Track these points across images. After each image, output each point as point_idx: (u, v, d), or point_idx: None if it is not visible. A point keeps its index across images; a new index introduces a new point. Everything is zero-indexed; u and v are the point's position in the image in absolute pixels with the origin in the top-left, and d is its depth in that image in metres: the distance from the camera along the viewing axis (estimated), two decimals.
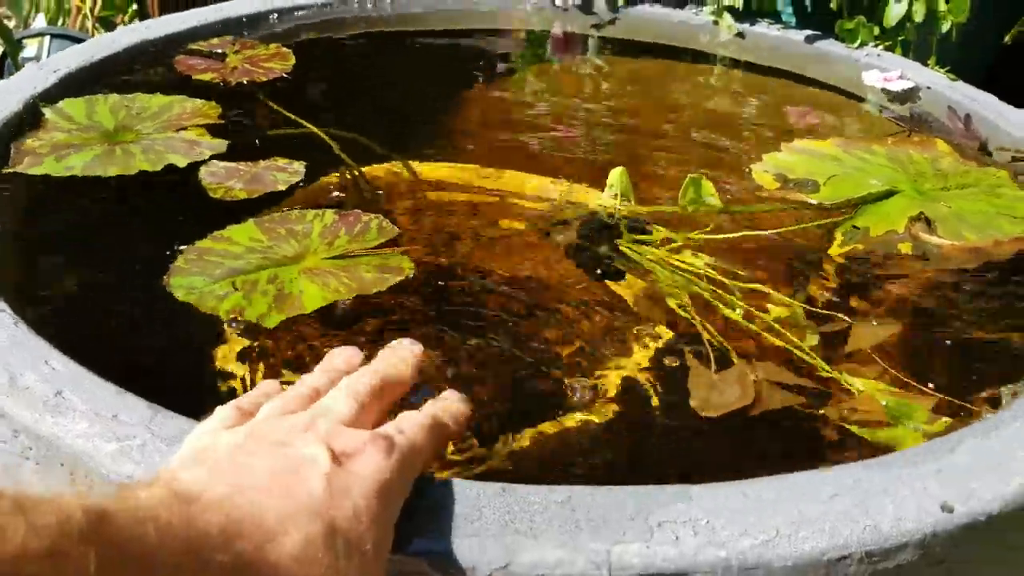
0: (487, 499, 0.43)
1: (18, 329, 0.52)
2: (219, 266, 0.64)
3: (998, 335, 0.67)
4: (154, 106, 0.85)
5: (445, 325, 0.62)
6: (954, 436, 0.50)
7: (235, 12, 1.07)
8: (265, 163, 0.77)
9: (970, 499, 0.45)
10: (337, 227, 0.69)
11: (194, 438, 0.42)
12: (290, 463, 0.38)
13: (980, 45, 1.28)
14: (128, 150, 0.77)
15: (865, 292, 0.71)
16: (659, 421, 0.56)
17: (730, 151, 0.92)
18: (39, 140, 0.78)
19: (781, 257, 0.74)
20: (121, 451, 0.44)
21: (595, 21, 1.21)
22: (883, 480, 0.45)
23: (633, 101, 1.04)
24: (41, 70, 0.88)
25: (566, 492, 0.43)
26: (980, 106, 0.98)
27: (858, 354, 0.63)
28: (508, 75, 1.08)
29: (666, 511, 0.43)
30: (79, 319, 0.61)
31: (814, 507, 0.43)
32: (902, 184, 0.84)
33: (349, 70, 1.07)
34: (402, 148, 0.84)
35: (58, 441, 0.45)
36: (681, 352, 0.61)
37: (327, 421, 0.42)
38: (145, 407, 0.47)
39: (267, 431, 0.41)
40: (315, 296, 0.61)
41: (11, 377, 0.49)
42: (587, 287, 0.68)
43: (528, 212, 0.78)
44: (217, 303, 0.60)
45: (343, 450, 0.39)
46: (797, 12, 1.21)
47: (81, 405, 0.47)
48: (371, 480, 0.39)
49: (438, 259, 0.69)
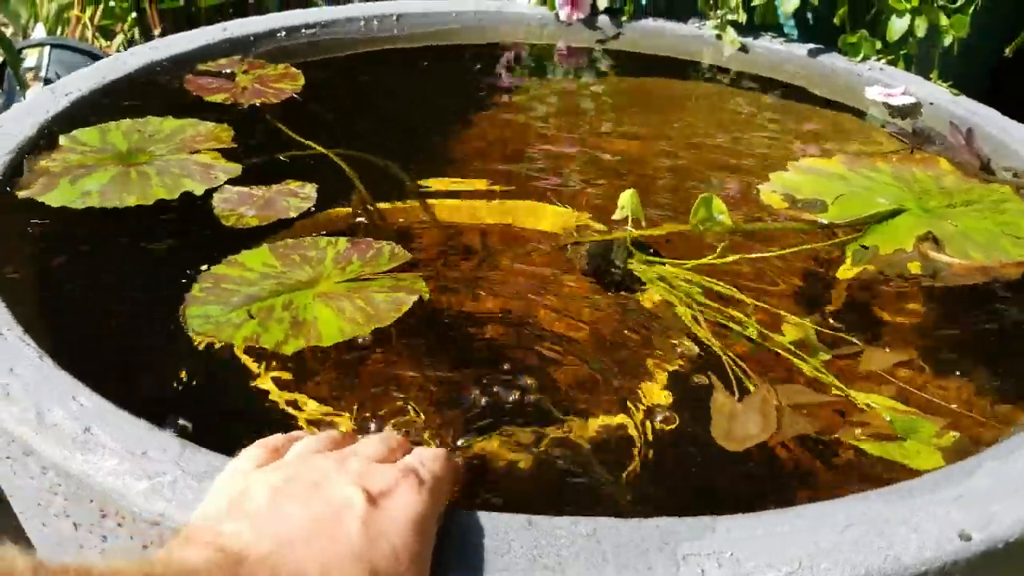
0: (514, 532, 0.43)
1: (44, 363, 0.53)
2: (235, 293, 0.64)
3: (1010, 355, 0.68)
4: (167, 129, 0.86)
5: (454, 352, 0.63)
6: (973, 460, 0.51)
7: (241, 32, 1.08)
8: (277, 187, 0.78)
9: (990, 525, 0.46)
10: (350, 253, 0.70)
11: (226, 479, 0.43)
12: (328, 508, 0.39)
13: (982, 58, 1.29)
14: (143, 172, 0.78)
15: (877, 312, 0.72)
16: (680, 447, 0.56)
17: (738, 169, 0.93)
18: (53, 160, 0.79)
19: (792, 278, 0.75)
20: (152, 489, 0.44)
21: (599, 36, 1.22)
22: (904, 509, 0.46)
23: (639, 117, 1.04)
24: (53, 93, 0.88)
25: (592, 524, 0.44)
26: (982, 120, 0.98)
27: (872, 376, 0.64)
28: (514, 91, 1.09)
29: (691, 544, 0.43)
30: (100, 349, 0.61)
31: (835, 538, 0.44)
32: (908, 202, 0.84)
33: (358, 89, 1.07)
34: (412, 168, 0.85)
35: (88, 479, 0.46)
36: (700, 376, 0.62)
37: (358, 460, 0.42)
38: (174, 442, 0.47)
39: (301, 471, 0.41)
40: (331, 323, 0.62)
41: (39, 413, 0.49)
42: (600, 310, 0.69)
43: (539, 235, 0.78)
44: (233, 332, 0.61)
45: (377, 489, 0.40)
46: (800, 26, 1.21)
47: (110, 442, 0.47)
48: (406, 518, 0.39)
49: (448, 284, 0.70)
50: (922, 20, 1.06)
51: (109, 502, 0.46)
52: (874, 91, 1.06)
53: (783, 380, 0.62)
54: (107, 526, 0.47)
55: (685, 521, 0.45)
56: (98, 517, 0.47)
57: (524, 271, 0.72)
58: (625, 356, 0.64)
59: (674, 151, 0.96)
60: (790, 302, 0.72)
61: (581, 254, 0.76)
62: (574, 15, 1.22)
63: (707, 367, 0.63)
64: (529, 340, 0.64)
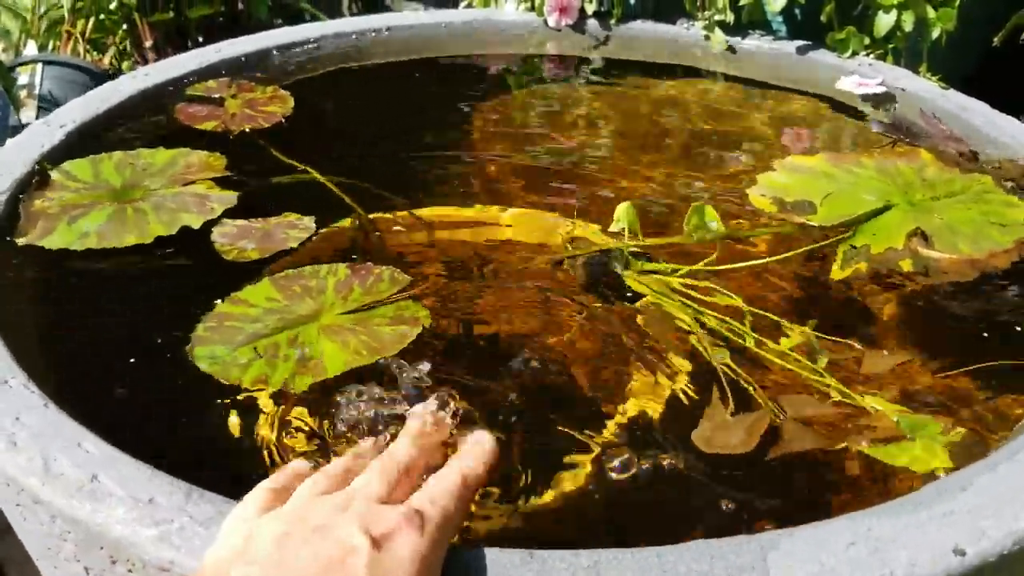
0: (515, 568, 0.44)
1: (48, 411, 0.54)
2: (239, 332, 0.65)
3: (1009, 348, 0.68)
4: (159, 162, 0.86)
5: (458, 370, 0.63)
6: (964, 473, 0.52)
7: (233, 52, 1.09)
8: (276, 220, 0.78)
9: (982, 539, 0.47)
10: (350, 281, 0.70)
11: (232, 524, 0.44)
12: (334, 552, 0.40)
13: (971, 51, 1.29)
14: (139, 208, 0.78)
15: (873, 313, 0.72)
16: (679, 463, 0.57)
17: (728, 171, 0.94)
18: (47, 200, 0.79)
19: (787, 282, 0.76)
20: (160, 537, 0.45)
21: (589, 41, 1.22)
22: (894, 527, 0.47)
23: (631, 122, 1.05)
24: (48, 126, 0.89)
25: (592, 557, 0.45)
26: (971, 115, 0.99)
27: (873, 378, 0.64)
28: (504, 101, 1.10)
29: (690, 568, 0.44)
30: (102, 392, 0.62)
31: (832, 558, 0.45)
32: (895, 197, 0.85)
33: (349, 107, 1.08)
34: (405, 190, 0.86)
35: (97, 528, 0.47)
36: (698, 388, 0.63)
37: (361, 502, 0.43)
38: (180, 488, 0.48)
39: (306, 514, 0.42)
40: (336, 358, 0.62)
41: (45, 462, 0.50)
42: (598, 322, 0.69)
43: (536, 248, 0.79)
44: (241, 373, 0.61)
45: (381, 532, 0.41)
46: (787, 23, 1.22)
47: (118, 490, 0.48)
48: (409, 561, 0.40)
49: (448, 304, 0.70)
50: (909, 14, 1.07)
51: (119, 549, 0.47)
52: (847, 82, 1.06)
53: (784, 386, 0.63)
54: (118, 572, 0.48)
55: (687, 547, 0.46)
56: (108, 563, 0.48)
57: (522, 286, 0.73)
58: (622, 368, 0.64)
59: (667, 156, 0.97)
60: (787, 307, 0.72)
61: (578, 267, 0.77)
62: (563, 21, 1.22)
63: (705, 376, 0.63)
64: (529, 355, 0.65)
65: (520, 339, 0.67)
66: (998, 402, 0.63)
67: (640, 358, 0.66)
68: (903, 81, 1.07)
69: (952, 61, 1.15)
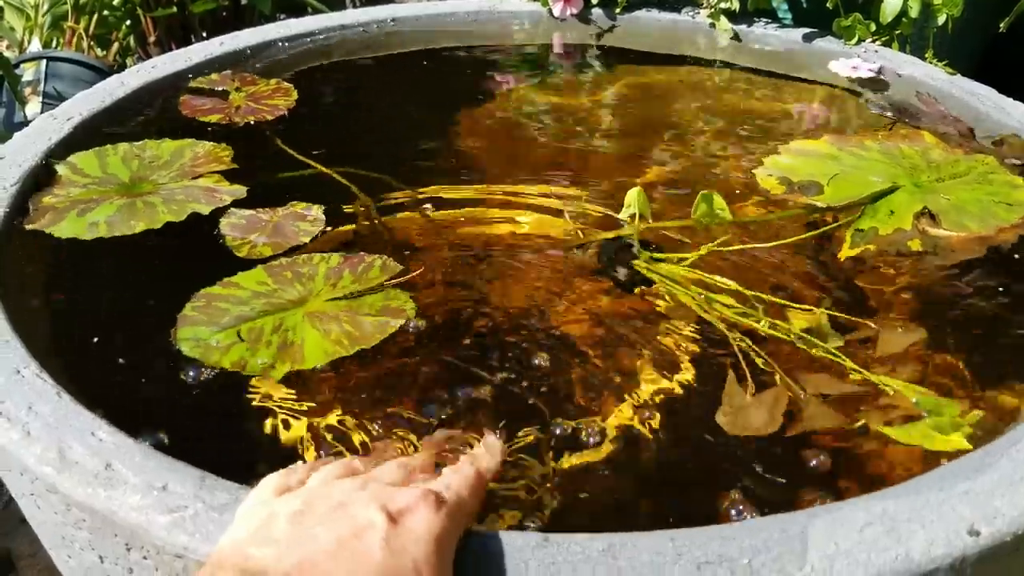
0: (530, 551, 0.44)
1: (62, 400, 0.54)
2: (225, 314, 0.65)
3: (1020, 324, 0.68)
4: (165, 153, 0.86)
5: (468, 356, 0.63)
6: (979, 453, 0.52)
7: (236, 45, 1.09)
8: (284, 211, 0.78)
9: (996, 519, 0.47)
10: (341, 268, 0.70)
11: (248, 508, 0.44)
12: (351, 528, 0.40)
13: (978, 36, 1.29)
14: (149, 202, 0.78)
15: (884, 293, 0.72)
16: (698, 444, 0.57)
17: (736, 156, 0.93)
18: (56, 196, 0.78)
19: (797, 265, 0.76)
20: (174, 523, 0.45)
21: (594, 30, 1.22)
22: (911, 507, 0.47)
23: (637, 110, 1.05)
24: (55, 119, 0.89)
25: (607, 540, 0.45)
26: (979, 100, 0.98)
27: (889, 358, 0.64)
28: (511, 90, 1.09)
29: (705, 551, 0.44)
30: (112, 378, 0.62)
31: (848, 538, 0.45)
32: (901, 179, 0.85)
33: (354, 98, 1.08)
34: (412, 178, 0.86)
35: (112, 516, 0.47)
36: (714, 370, 0.63)
37: (378, 483, 0.43)
38: (193, 475, 0.48)
39: (323, 495, 0.43)
40: (316, 345, 0.62)
41: (60, 451, 0.50)
42: (611, 309, 0.69)
43: (545, 236, 0.79)
44: (221, 356, 0.61)
45: (397, 508, 0.41)
46: (793, 10, 1.21)
47: (132, 477, 0.48)
48: (426, 536, 0.41)
49: (455, 291, 0.70)
50: (915, 0, 1.06)
51: (134, 536, 0.47)
52: (840, 65, 1.06)
53: (799, 367, 0.63)
54: (133, 559, 0.48)
55: (701, 530, 0.45)
56: (123, 550, 0.48)
57: (532, 274, 0.73)
58: (636, 353, 0.64)
59: (675, 143, 0.97)
60: (798, 289, 0.72)
61: (589, 254, 0.77)
62: (568, 10, 1.22)
63: (721, 359, 0.64)
64: (540, 342, 0.65)
65: (531, 324, 0.67)
66: (1016, 381, 0.63)
67: (653, 342, 0.66)
68: (909, 67, 1.06)
69: (958, 47, 1.14)
